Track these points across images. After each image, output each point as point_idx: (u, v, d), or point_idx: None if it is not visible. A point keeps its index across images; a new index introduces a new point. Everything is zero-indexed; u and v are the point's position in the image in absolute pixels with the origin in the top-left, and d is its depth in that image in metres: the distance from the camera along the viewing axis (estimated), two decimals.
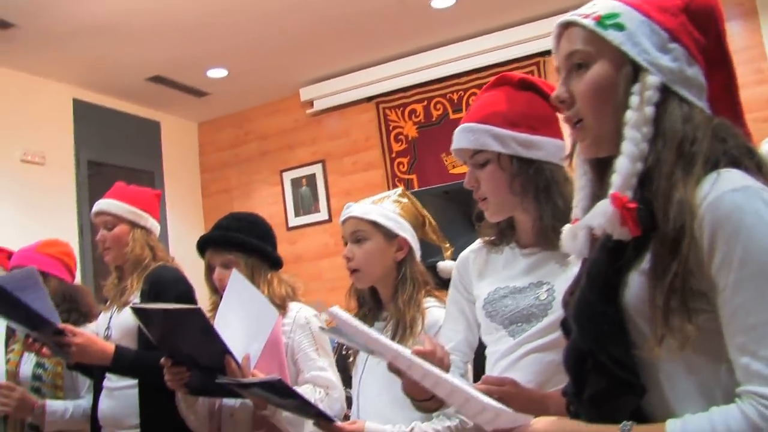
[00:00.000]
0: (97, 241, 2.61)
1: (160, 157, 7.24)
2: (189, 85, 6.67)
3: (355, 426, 1.82)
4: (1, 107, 5.75)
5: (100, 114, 6.66)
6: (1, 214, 5.56)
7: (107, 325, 2.49)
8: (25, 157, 5.89)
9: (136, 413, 2.38)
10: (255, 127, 7.39)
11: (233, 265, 2.23)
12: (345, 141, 6.91)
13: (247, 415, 2.14)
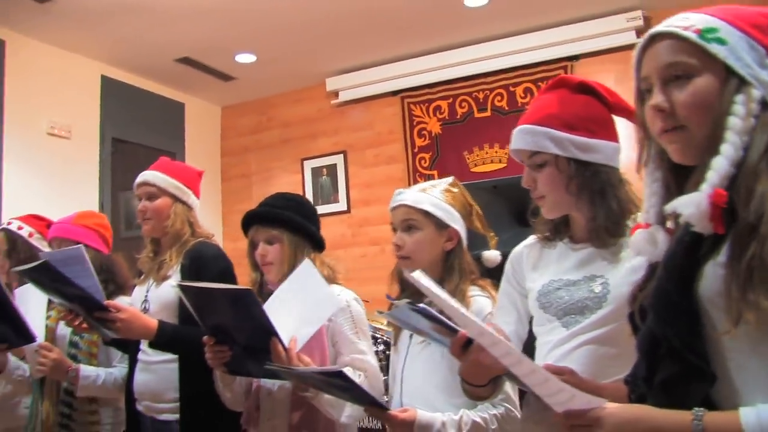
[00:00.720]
0: (137, 211, 2.61)
1: (183, 138, 7.28)
2: (216, 69, 6.69)
3: (408, 414, 1.83)
4: (32, 79, 5.79)
5: (127, 92, 6.70)
6: (26, 184, 5.61)
7: (144, 298, 2.51)
8: (51, 130, 5.93)
9: (174, 387, 2.41)
10: (278, 114, 7.41)
11: (277, 242, 2.25)
12: (368, 133, 6.93)
13: (286, 395, 2.16)
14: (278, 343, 1.95)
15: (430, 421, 1.84)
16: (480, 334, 1.32)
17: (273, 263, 2.26)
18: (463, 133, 6.50)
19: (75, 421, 2.64)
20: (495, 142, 6.34)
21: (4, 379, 2.77)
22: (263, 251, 2.26)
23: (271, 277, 2.28)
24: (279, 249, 2.26)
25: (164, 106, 7.11)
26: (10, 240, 3.02)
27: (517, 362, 1.28)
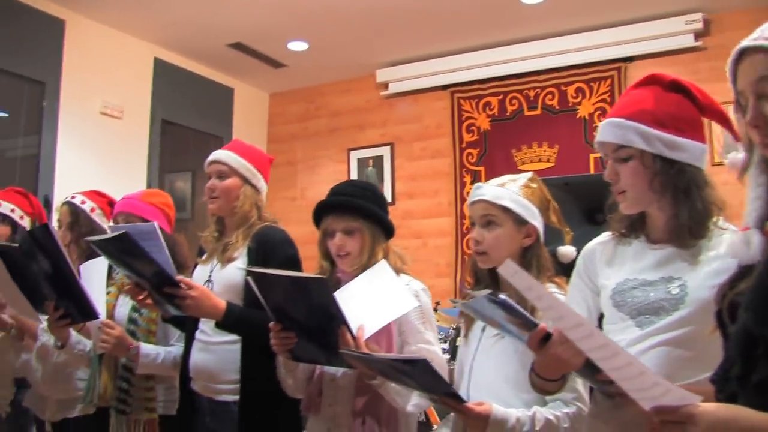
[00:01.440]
0: (206, 188, 2.61)
1: (231, 123, 7.32)
2: (267, 55, 6.71)
3: (483, 408, 1.81)
4: (87, 59, 5.86)
5: (178, 75, 6.75)
6: (79, 162, 5.69)
7: (207, 278, 2.51)
8: (104, 110, 6.00)
9: (234, 369, 2.40)
10: (326, 103, 7.42)
11: (356, 233, 2.24)
12: (416, 126, 6.91)
13: (349, 382, 2.15)
14: (347, 331, 1.94)
15: (505, 416, 1.82)
16: (577, 325, 1.31)
17: (350, 253, 2.24)
18: (512, 130, 6.47)
19: (132, 396, 2.66)
20: (544, 141, 6.30)
21: (64, 353, 2.80)
22: (341, 242, 2.24)
23: (345, 267, 2.26)
24: (358, 239, 2.25)
25: (214, 91, 7.16)
26: (73, 213, 3.06)
27: (612, 354, 1.26)
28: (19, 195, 3.42)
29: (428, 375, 1.72)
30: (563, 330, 1.39)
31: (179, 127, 6.80)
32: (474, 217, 2.10)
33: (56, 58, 5.68)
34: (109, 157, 5.95)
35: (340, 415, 2.17)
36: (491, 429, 1.81)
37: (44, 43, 5.60)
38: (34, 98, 5.61)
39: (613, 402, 1.66)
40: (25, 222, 3.35)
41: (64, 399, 2.96)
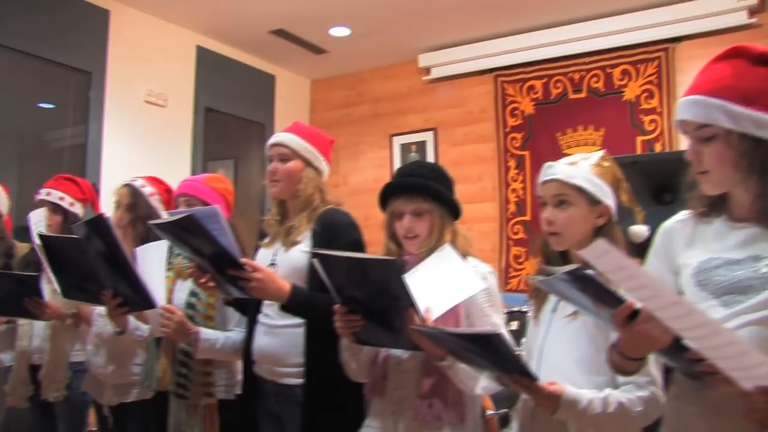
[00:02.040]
0: (267, 171, 2.59)
1: (273, 110, 7.32)
2: (309, 42, 6.69)
3: (555, 387, 1.77)
4: (131, 48, 5.90)
5: (220, 63, 6.76)
6: (125, 149, 5.74)
7: (271, 261, 2.49)
8: (148, 98, 6.04)
9: (298, 353, 2.38)
10: (368, 89, 7.38)
11: (426, 214, 2.21)
12: (459, 111, 6.85)
13: (416, 365, 2.12)
14: (415, 313, 1.92)
15: (577, 397, 1.79)
16: (673, 304, 1.26)
17: (419, 235, 2.21)
18: (556, 113, 6.38)
19: (191, 380, 2.66)
20: (589, 124, 6.21)
21: (123, 340, 2.81)
22: (410, 223, 2.21)
23: (413, 249, 2.23)
24: (427, 221, 2.22)
25: (256, 78, 7.16)
26: (132, 195, 3.07)
27: (712, 333, 1.22)
28: (68, 181, 3.44)
29: (501, 351, 1.69)
30: (658, 309, 1.34)
31: (222, 115, 6.82)
32: (545, 196, 2.05)
33: (101, 48, 5.72)
34: (153, 145, 5.99)
35: (405, 399, 2.15)
36: (563, 409, 1.77)
37: (90, 34, 5.65)
38: (80, 88, 5.66)
39: (698, 383, 1.61)
40: (77, 208, 3.37)
41: (121, 384, 2.98)
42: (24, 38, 5.19)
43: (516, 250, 6.46)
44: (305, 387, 2.36)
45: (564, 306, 1.99)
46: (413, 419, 2.11)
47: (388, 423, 2.17)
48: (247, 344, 2.57)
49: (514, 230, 6.49)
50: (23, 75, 5.46)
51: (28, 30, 5.20)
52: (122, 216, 3.05)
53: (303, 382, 2.37)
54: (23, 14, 5.17)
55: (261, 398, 2.53)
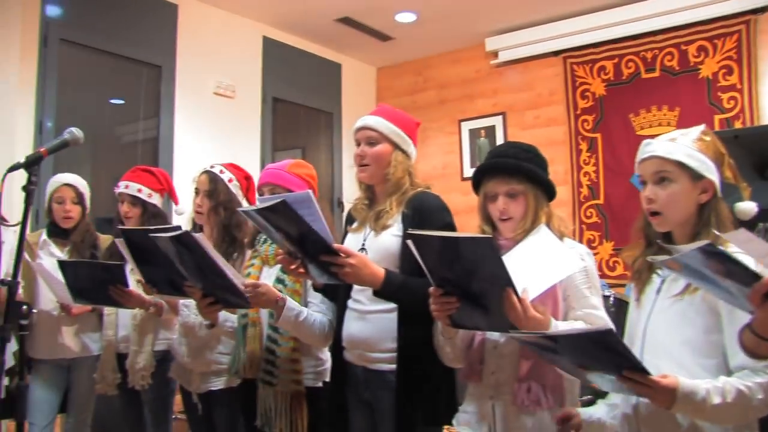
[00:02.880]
0: (355, 155, 2.56)
1: (340, 98, 7.32)
2: (375, 29, 6.67)
3: (669, 380, 1.66)
4: (199, 41, 5.96)
5: (287, 52, 6.78)
6: (196, 140, 5.81)
7: (361, 246, 2.47)
8: (217, 90, 6.09)
9: (391, 338, 2.34)
10: (435, 74, 7.33)
11: (520, 196, 2.16)
12: (528, 94, 6.75)
13: (514, 348, 2.07)
14: (512, 293, 1.86)
15: (694, 388, 1.68)
16: None
17: (513, 217, 2.16)
18: (628, 94, 6.23)
19: (278, 368, 2.64)
20: (663, 104, 6.04)
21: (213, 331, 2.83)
22: (505, 205, 2.16)
23: (508, 232, 2.18)
24: (522, 203, 2.16)
25: (322, 67, 7.17)
26: (212, 181, 3.07)
27: None
28: (145, 173, 3.47)
29: (612, 347, 1.61)
30: None
31: (289, 104, 6.85)
32: (645, 175, 1.97)
33: (171, 42, 5.80)
34: (223, 136, 6.05)
35: (503, 383, 2.10)
36: (680, 403, 1.67)
37: (159, 29, 5.72)
38: (151, 82, 5.74)
39: None
40: (155, 199, 3.40)
41: (207, 371, 2.99)
42: (96, 35, 5.28)
43: (589, 234, 6.34)
44: (398, 372, 2.32)
45: (669, 286, 1.91)
46: (511, 403, 2.07)
47: (486, 407, 2.13)
48: (337, 330, 2.55)
49: (587, 214, 6.37)
50: (96, 71, 5.57)
51: (101, 27, 5.30)
52: (202, 202, 3.06)
53: (395, 367, 2.33)
54: (95, 12, 5.26)
55: (351, 384, 2.51)
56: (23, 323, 2.25)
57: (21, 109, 4.75)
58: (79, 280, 3.08)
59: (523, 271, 1.94)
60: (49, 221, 3.57)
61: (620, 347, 1.61)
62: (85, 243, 3.50)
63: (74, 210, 3.52)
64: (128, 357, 3.24)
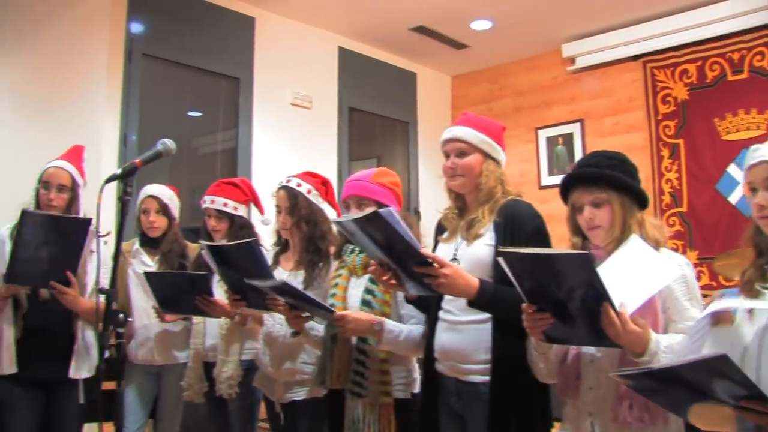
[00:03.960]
0: (445, 167, 2.53)
1: (415, 108, 7.31)
2: (450, 37, 6.64)
3: None
4: (276, 53, 6.04)
5: (362, 62, 6.81)
6: (274, 151, 5.87)
7: (453, 256, 2.44)
8: (294, 101, 6.15)
9: (484, 349, 2.31)
10: (511, 82, 7.26)
11: (606, 205, 2.11)
12: (606, 101, 6.62)
13: (612, 362, 2.00)
14: (610, 308, 1.80)
15: None
16: None
17: (601, 227, 2.11)
18: (713, 98, 6.03)
19: (367, 379, 2.63)
20: (752, 107, 5.82)
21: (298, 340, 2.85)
22: (590, 214, 2.11)
23: (597, 242, 2.13)
24: (608, 211, 2.11)
25: (397, 76, 7.18)
26: (291, 197, 3.06)
27: None
28: (229, 186, 3.49)
29: (726, 374, 1.47)
30: None
31: (365, 114, 6.88)
32: (755, 181, 1.88)
33: (248, 54, 5.89)
34: (300, 146, 6.10)
35: (602, 399, 2.03)
36: None
37: (237, 41, 5.81)
38: (229, 94, 5.82)
39: None
40: (241, 211, 3.42)
41: (291, 381, 3.00)
42: (177, 50, 5.40)
43: (672, 244, 6.15)
44: (492, 385, 2.27)
45: None
46: (612, 420, 2.00)
47: (584, 425, 2.07)
48: (428, 341, 2.52)
49: (670, 222, 6.19)
50: (176, 85, 5.69)
51: (181, 42, 5.42)
52: (285, 220, 3.06)
53: (489, 379, 2.29)
54: (176, 27, 5.38)
55: (442, 396, 2.47)
56: (120, 331, 2.29)
57: (107, 123, 4.88)
58: (166, 290, 3.15)
59: (618, 284, 1.87)
60: (140, 231, 3.64)
61: (737, 375, 1.47)
62: (174, 252, 3.56)
63: (159, 220, 3.58)
64: (215, 366, 3.27)
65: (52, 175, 3.14)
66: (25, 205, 3.11)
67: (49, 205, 3.10)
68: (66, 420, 3.15)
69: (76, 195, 3.17)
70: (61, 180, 3.13)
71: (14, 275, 2.91)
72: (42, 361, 3.07)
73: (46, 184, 3.12)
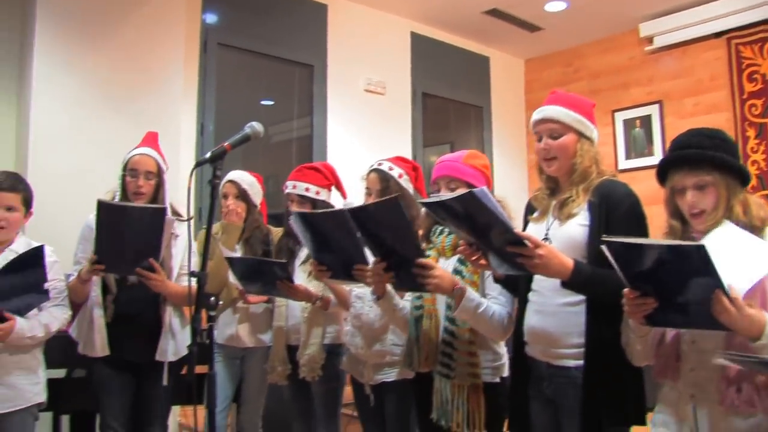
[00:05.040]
0: (538, 149, 2.46)
1: (489, 92, 7.24)
2: (524, 19, 6.54)
3: None
4: (348, 40, 6.05)
5: (434, 47, 6.78)
6: (348, 138, 5.90)
7: (545, 235, 2.38)
8: (368, 87, 6.15)
9: (578, 332, 2.25)
10: (586, 64, 7.12)
11: (710, 186, 2.03)
12: (686, 81, 6.43)
13: (716, 343, 1.92)
14: (722, 294, 1.72)
15: None
16: None
17: (705, 211, 2.03)
18: None
19: (455, 360, 2.60)
20: None
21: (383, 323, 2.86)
22: (694, 198, 2.03)
23: (700, 227, 2.05)
24: (712, 194, 2.03)
25: (470, 61, 7.12)
26: (383, 179, 3.07)
27: None
28: (310, 171, 3.49)
29: None
30: None
31: (438, 99, 6.84)
32: None
33: (321, 41, 5.91)
34: (374, 132, 6.10)
35: (705, 381, 1.96)
36: None
37: (310, 29, 5.84)
38: (303, 82, 5.85)
39: None
40: (323, 195, 3.41)
41: (380, 363, 2.99)
42: (251, 38, 5.48)
43: None
44: (585, 369, 2.21)
45: None
46: (718, 404, 1.92)
47: (685, 408, 2.00)
48: (518, 324, 2.47)
49: None
50: (250, 73, 5.75)
51: (254, 30, 5.48)
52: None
53: (582, 363, 2.23)
54: (249, 16, 5.44)
55: (533, 380, 2.43)
56: (211, 314, 2.31)
57: (185, 113, 4.96)
58: (247, 274, 3.19)
59: (723, 267, 1.79)
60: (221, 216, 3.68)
61: None
62: (256, 237, 3.59)
63: (238, 206, 3.60)
64: (298, 349, 3.29)
65: (139, 162, 3.18)
66: (111, 194, 3.18)
67: (137, 192, 3.14)
68: (153, 401, 3.21)
69: (162, 181, 3.21)
70: (147, 167, 3.17)
71: (100, 264, 2.96)
72: (131, 345, 3.13)
73: (134, 171, 3.16)
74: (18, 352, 2.83)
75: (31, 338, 2.80)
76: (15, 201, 2.89)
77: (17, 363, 2.84)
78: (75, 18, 4.42)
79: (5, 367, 2.80)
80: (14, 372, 2.83)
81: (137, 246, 2.95)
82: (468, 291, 2.48)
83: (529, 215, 2.56)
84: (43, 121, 4.27)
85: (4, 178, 2.92)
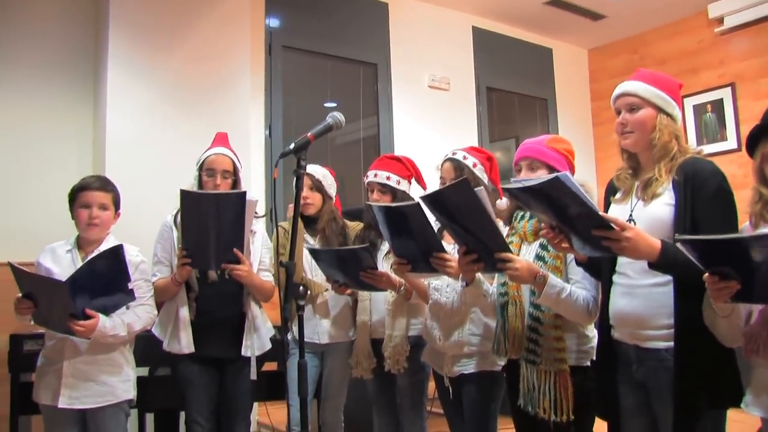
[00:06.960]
0: (616, 123, 2.44)
1: (553, 84, 7.18)
2: (586, 8, 6.47)
3: None
4: (410, 37, 6.08)
5: (497, 41, 6.76)
6: (413, 133, 5.90)
7: (629, 216, 2.35)
8: (432, 83, 6.16)
9: (666, 313, 2.20)
10: (652, 50, 6.99)
11: None
12: (760, 60, 6.27)
13: None
14: None
15: None
16: None
17: None
18: None
19: (541, 346, 2.59)
20: None
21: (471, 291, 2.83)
22: None
23: None
24: None
25: (532, 53, 7.07)
26: (457, 168, 3.07)
27: None
28: (392, 161, 3.50)
29: None
30: None
31: (503, 93, 6.81)
32: None
33: (383, 39, 5.95)
34: (440, 128, 6.13)
35: None
36: None
37: (372, 28, 5.88)
38: (368, 80, 5.89)
39: None
40: (403, 186, 3.41)
41: (458, 354, 2.98)
42: (314, 39, 5.56)
43: None
44: (676, 350, 2.17)
45: None
46: None
47: None
48: (603, 307, 2.44)
49: None
50: (315, 74, 5.80)
51: (317, 31, 5.57)
52: None
53: (672, 345, 2.19)
54: (311, 18, 5.51)
55: (621, 364, 2.39)
56: (300, 303, 2.33)
57: (253, 114, 5.04)
58: (330, 266, 3.21)
59: None
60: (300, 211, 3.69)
61: None
62: (332, 230, 3.59)
63: (312, 197, 3.58)
64: (383, 342, 3.29)
65: (215, 162, 3.23)
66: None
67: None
68: (238, 396, 3.26)
69: (238, 179, 3.26)
70: (224, 166, 3.22)
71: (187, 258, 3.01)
72: (215, 341, 3.20)
73: (211, 171, 3.21)
74: (108, 351, 2.92)
75: (114, 337, 2.88)
76: (107, 200, 3.00)
77: (107, 361, 2.94)
78: (146, 27, 4.56)
79: (96, 365, 2.90)
80: (105, 369, 2.92)
81: (222, 235, 2.98)
82: (550, 278, 2.46)
83: (611, 196, 2.52)
84: (118, 127, 4.42)
85: (95, 179, 3.04)
